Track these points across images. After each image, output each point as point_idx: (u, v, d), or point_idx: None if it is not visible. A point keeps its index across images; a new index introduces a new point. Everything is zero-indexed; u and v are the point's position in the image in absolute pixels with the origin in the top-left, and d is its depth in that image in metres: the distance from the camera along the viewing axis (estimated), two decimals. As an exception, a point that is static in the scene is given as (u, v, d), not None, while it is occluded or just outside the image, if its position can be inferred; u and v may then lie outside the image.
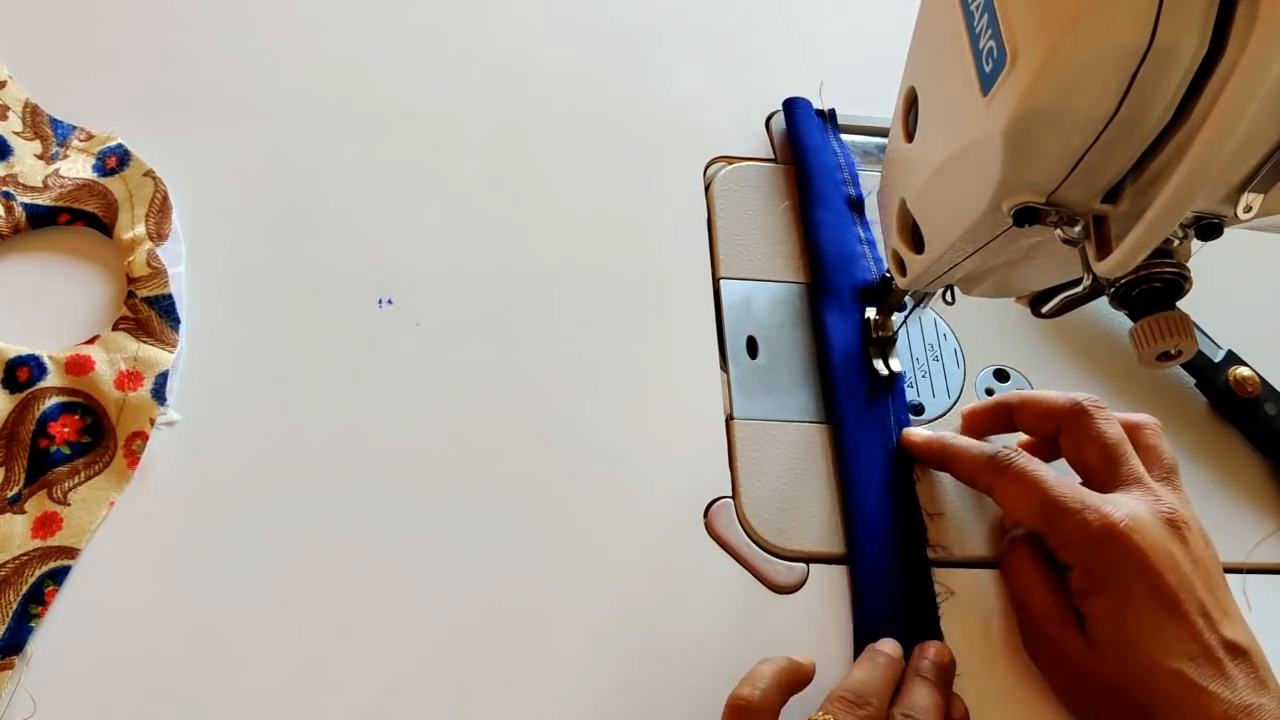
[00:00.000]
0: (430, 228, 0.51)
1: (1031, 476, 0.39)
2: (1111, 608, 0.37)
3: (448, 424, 0.45)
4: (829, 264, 0.51)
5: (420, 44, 0.57)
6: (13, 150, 0.49)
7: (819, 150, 0.55)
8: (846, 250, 0.51)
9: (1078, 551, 0.38)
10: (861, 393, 0.47)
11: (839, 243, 0.52)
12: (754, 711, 0.35)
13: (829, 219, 0.52)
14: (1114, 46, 0.25)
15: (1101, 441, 0.40)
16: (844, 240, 0.52)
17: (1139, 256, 0.28)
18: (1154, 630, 0.36)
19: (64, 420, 0.42)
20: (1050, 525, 0.38)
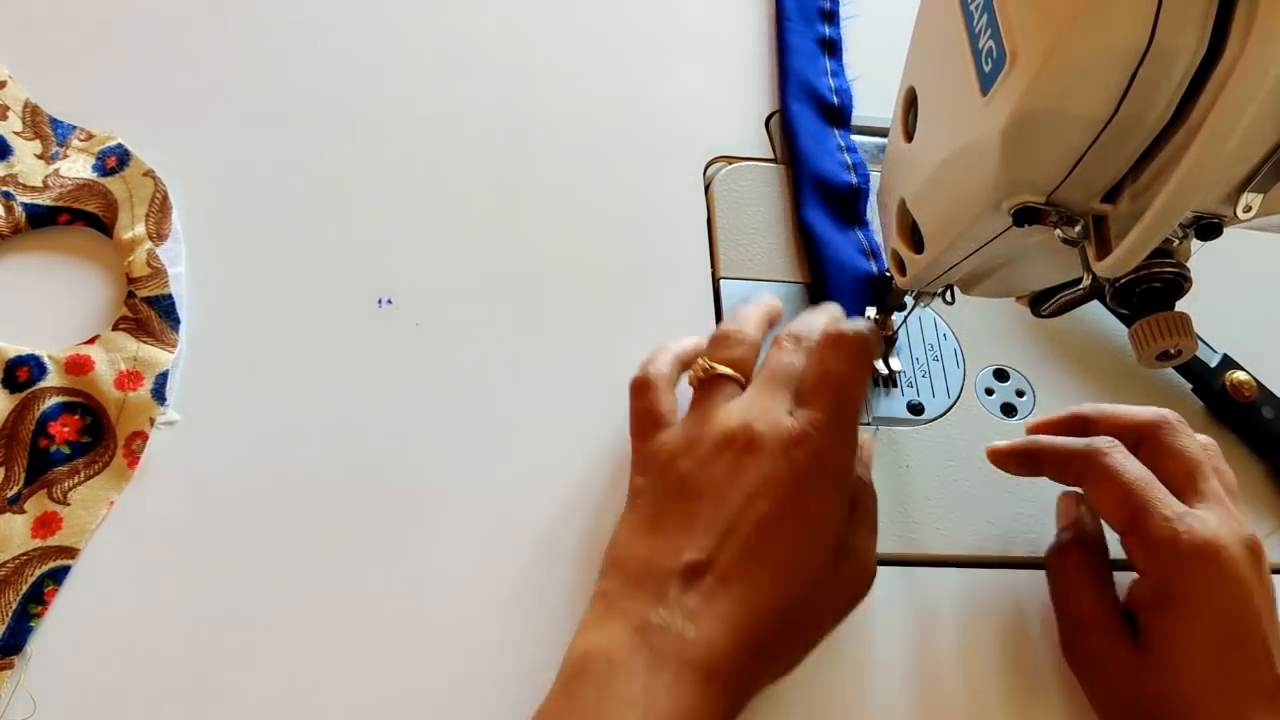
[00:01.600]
0: (430, 228, 0.51)
1: (1128, 471, 0.38)
2: (1180, 626, 0.36)
3: (448, 424, 0.45)
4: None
5: (420, 44, 0.57)
6: (13, 150, 0.49)
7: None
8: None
9: (1158, 560, 0.37)
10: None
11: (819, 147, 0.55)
12: (648, 383, 0.41)
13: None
14: (1114, 46, 0.25)
15: (1185, 456, 0.39)
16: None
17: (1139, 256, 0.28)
18: (1220, 656, 0.35)
19: (64, 420, 0.42)
20: (1136, 526, 0.37)
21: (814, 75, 0.56)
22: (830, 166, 0.52)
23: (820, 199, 0.51)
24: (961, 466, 0.47)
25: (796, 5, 0.59)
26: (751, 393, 0.39)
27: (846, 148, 0.53)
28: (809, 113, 0.54)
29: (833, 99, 0.55)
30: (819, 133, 0.53)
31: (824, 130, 0.54)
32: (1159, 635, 0.36)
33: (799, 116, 0.54)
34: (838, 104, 0.55)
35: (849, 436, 0.37)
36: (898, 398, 0.48)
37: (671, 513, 0.37)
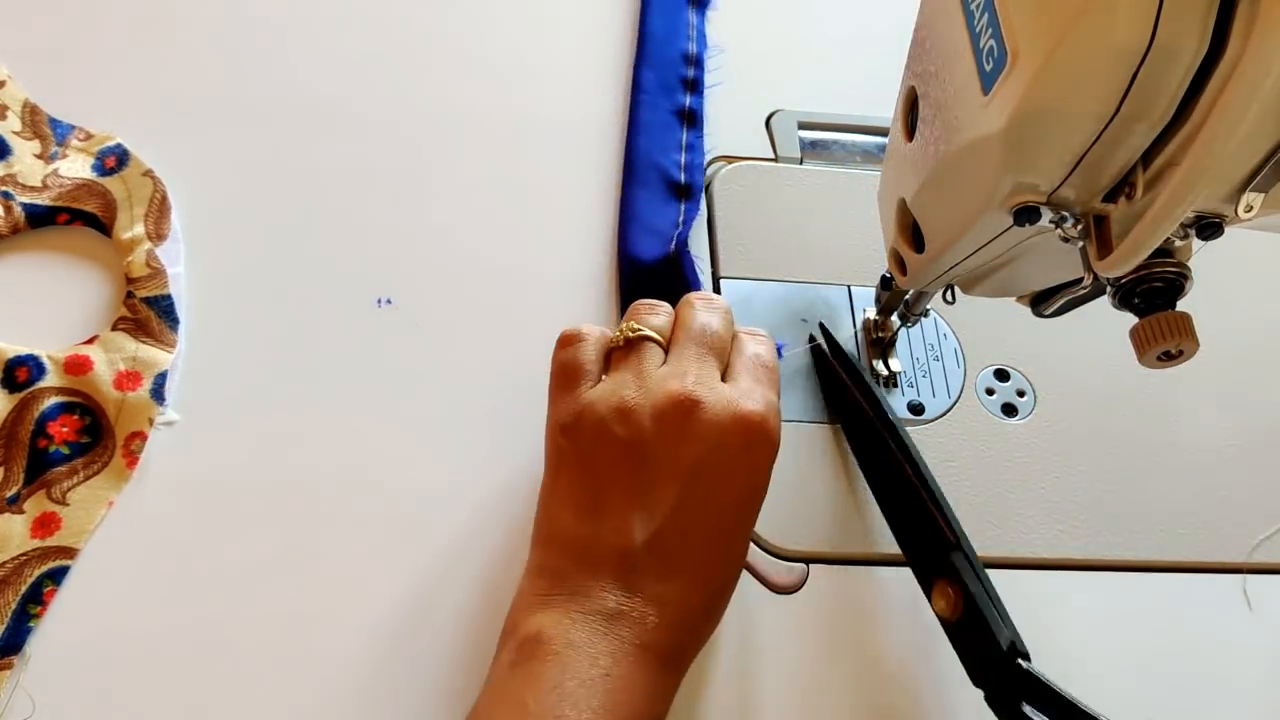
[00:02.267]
0: (430, 228, 0.51)
1: None
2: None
3: (448, 423, 0.45)
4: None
5: (421, 44, 0.57)
6: (12, 150, 0.49)
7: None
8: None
9: None
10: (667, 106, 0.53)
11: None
12: (577, 335, 0.39)
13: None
14: (1114, 46, 0.25)
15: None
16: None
17: (1140, 256, 0.28)
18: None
19: (63, 420, 0.42)
20: None
21: (662, 152, 0.54)
22: (651, 250, 0.50)
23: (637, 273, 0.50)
24: (961, 466, 0.47)
25: (656, 76, 0.57)
26: (679, 356, 0.37)
27: (683, 220, 0.51)
28: (649, 195, 0.52)
29: (679, 175, 0.53)
30: (656, 214, 0.51)
31: (667, 206, 0.52)
32: None
33: (637, 200, 0.52)
34: (684, 181, 0.53)
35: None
36: (898, 398, 0.48)
37: (613, 484, 0.35)
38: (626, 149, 0.53)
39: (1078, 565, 0.45)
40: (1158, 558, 0.45)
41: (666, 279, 0.48)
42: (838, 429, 0.47)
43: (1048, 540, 0.45)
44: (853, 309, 0.51)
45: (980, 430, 0.48)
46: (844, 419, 0.46)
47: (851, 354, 0.47)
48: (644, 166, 0.52)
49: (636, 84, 0.56)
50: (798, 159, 0.56)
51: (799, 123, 0.57)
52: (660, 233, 0.50)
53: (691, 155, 0.53)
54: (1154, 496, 0.47)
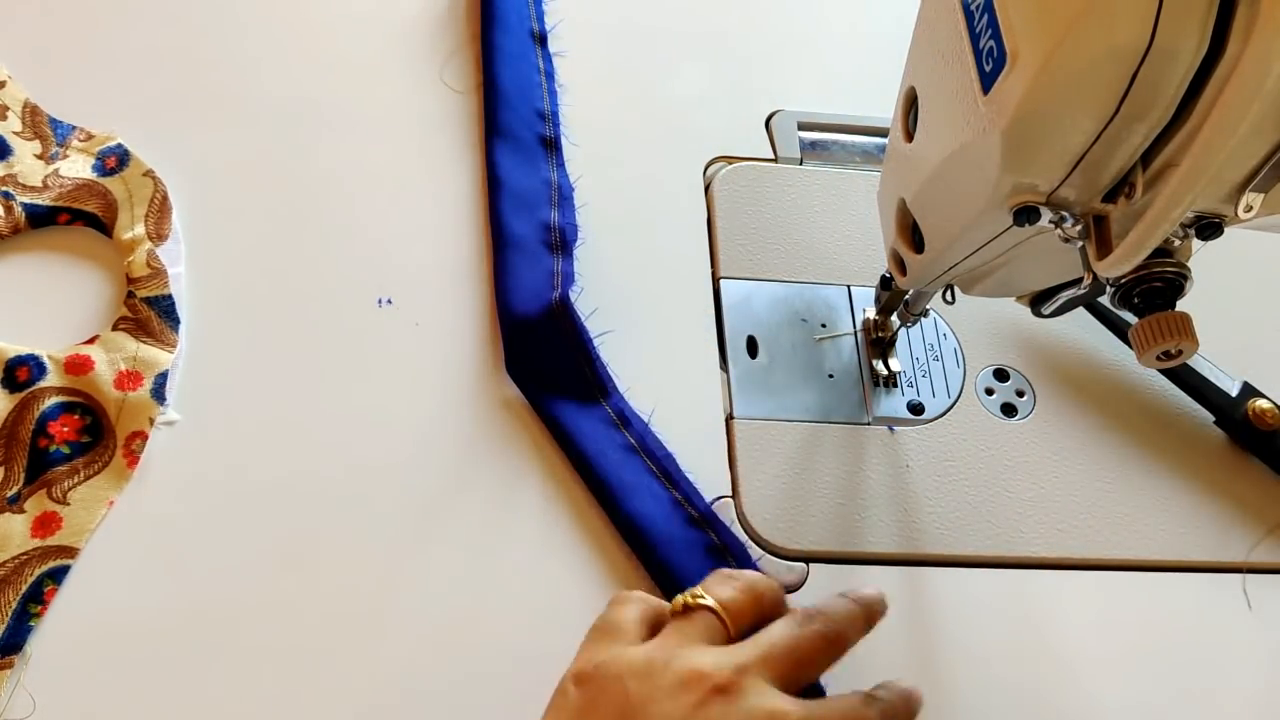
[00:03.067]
0: (430, 228, 0.51)
1: None
2: None
3: (448, 423, 0.45)
4: (502, 95, 0.52)
5: (420, 44, 0.57)
6: (12, 150, 0.49)
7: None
8: (524, 78, 0.54)
9: None
10: (534, 237, 0.48)
11: (516, 70, 0.53)
12: (627, 596, 0.35)
13: (508, 45, 0.54)
14: (1114, 47, 0.25)
15: None
16: (521, 69, 0.54)
17: (1139, 256, 0.28)
18: None
19: (63, 420, 0.42)
20: None
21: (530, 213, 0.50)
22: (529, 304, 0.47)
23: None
24: (961, 466, 0.47)
25: (512, 145, 0.53)
26: (739, 648, 0.32)
27: (560, 273, 0.48)
28: (520, 256, 0.49)
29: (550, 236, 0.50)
30: (530, 272, 0.48)
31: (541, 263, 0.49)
32: None
33: (510, 262, 0.48)
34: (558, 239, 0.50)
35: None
36: (898, 398, 0.48)
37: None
38: (492, 215, 0.50)
39: (1078, 565, 0.45)
40: (1158, 558, 0.45)
41: (550, 334, 0.46)
42: (837, 429, 0.47)
43: (1048, 540, 0.45)
44: (853, 309, 0.51)
45: (980, 430, 0.48)
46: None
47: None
48: (512, 234, 0.49)
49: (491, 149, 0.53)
50: (798, 159, 0.56)
51: (799, 123, 0.57)
52: (536, 290, 0.47)
53: (563, 212, 0.50)
54: (1154, 496, 0.47)
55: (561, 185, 0.52)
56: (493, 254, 0.49)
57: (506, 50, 0.55)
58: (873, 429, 0.47)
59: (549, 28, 0.57)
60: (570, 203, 0.51)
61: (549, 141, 0.53)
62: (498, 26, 0.56)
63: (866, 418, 0.48)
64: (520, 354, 0.46)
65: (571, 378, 0.45)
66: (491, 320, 0.48)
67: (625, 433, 0.45)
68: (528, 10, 0.58)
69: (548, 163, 0.52)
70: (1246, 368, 0.49)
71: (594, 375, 0.46)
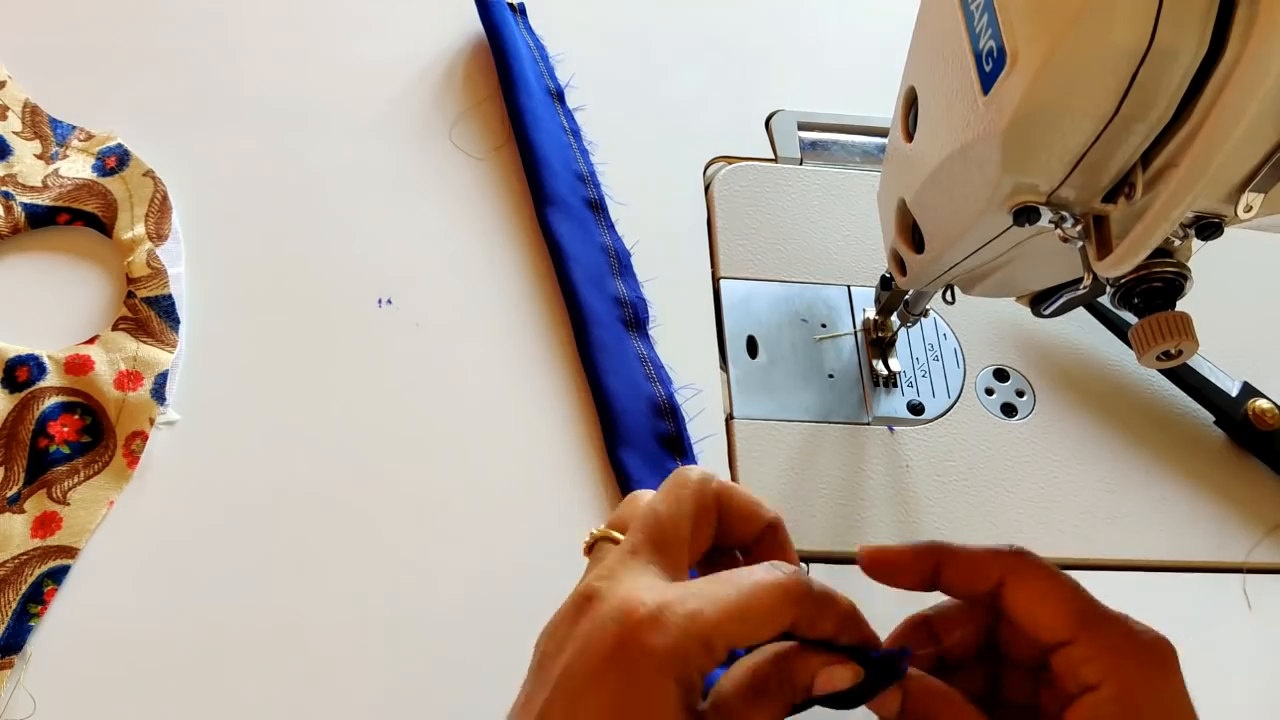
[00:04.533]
0: (430, 228, 0.51)
1: (1058, 572, 0.32)
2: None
3: (447, 423, 0.45)
4: (544, 161, 0.51)
5: (420, 44, 0.57)
6: (12, 150, 0.49)
7: (513, 41, 0.55)
8: (556, 141, 0.53)
9: (1123, 664, 0.30)
10: (610, 314, 0.48)
11: (548, 134, 0.53)
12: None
13: (532, 106, 0.53)
14: (1114, 47, 0.25)
15: (1059, 577, 0.33)
16: (551, 130, 0.53)
17: (1139, 256, 0.28)
18: None
19: (63, 420, 0.42)
20: (1088, 629, 0.31)
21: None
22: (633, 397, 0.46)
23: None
24: (961, 466, 0.47)
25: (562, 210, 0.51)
26: (612, 550, 0.31)
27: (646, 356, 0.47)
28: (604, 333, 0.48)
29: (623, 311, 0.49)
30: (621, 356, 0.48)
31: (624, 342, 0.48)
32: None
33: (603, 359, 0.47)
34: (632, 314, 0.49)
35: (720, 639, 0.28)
36: (897, 397, 0.48)
37: (518, 708, 0.30)
38: (565, 289, 0.49)
39: (1078, 565, 0.45)
40: (1158, 558, 0.45)
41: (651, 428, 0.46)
42: (837, 429, 0.47)
43: (1047, 540, 0.45)
44: (853, 309, 0.51)
45: (980, 430, 0.48)
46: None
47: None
48: (591, 311, 0.48)
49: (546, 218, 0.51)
50: (798, 159, 0.56)
51: (799, 123, 0.58)
52: (630, 376, 0.47)
53: (628, 283, 0.50)
54: (1154, 496, 0.47)
55: (618, 251, 0.51)
56: (574, 328, 0.48)
57: (534, 113, 0.53)
58: (873, 429, 0.47)
59: (564, 85, 0.56)
60: (632, 271, 0.50)
61: (594, 204, 0.52)
62: (520, 89, 0.54)
63: (866, 418, 0.48)
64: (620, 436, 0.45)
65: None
66: (491, 320, 0.48)
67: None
68: (540, 68, 0.56)
69: (598, 226, 0.51)
70: (1246, 368, 0.49)
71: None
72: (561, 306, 0.49)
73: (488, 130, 0.55)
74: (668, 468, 0.44)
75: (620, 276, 0.50)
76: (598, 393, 0.46)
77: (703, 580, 0.29)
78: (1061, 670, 0.31)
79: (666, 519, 0.31)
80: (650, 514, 0.31)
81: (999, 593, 0.32)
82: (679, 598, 0.28)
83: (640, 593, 0.28)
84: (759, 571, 0.29)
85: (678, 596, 0.28)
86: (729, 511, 0.33)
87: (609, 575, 0.29)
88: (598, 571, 0.30)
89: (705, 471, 0.32)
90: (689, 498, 0.31)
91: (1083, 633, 0.31)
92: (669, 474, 0.33)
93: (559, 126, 0.54)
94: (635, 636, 0.27)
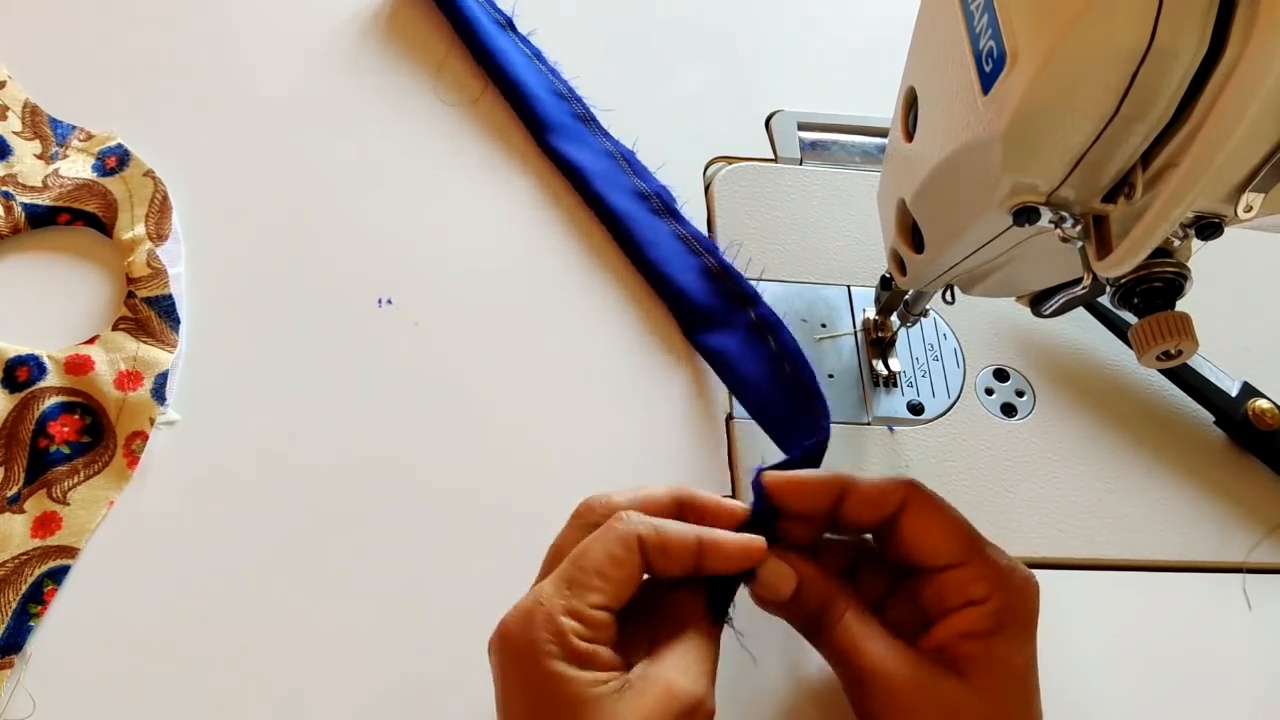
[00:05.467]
0: (430, 228, 0.51)
1: (948, 504, 0.36)
2: (1017, 652, 0.35)
3: (447, 423, 0.45)
4: (529, 94, 0.53)
5: (420, 44, 0.57)
6: (12, 150, 0.49)
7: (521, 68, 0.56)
8: (528, 70, 0.55)
9: (1003, 586, 0.35)
10: (640, 208, 0.51)
11: (519, 65, 0.55)
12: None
13: (496, 44, 0.55)
14: (1114, 47, 0.25)
15: (950, 511, 0.37)
16: (519, 61, 0.55)
17: (1139, 256, 0.28)
18: (1035, 685, 0.35)
19: (63, 420, 0.42)
20: (975, 553, 0.35)
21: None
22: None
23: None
24: (961, 466, 0.47)
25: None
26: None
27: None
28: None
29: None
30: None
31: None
32: (995, 663, 0.34)
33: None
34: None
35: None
36: (898, 398, 0.48)
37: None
38: (591, 202, 0.52)
39: (1078, 565, 0.45)
40: (1158, 558, 0.45)
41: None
42: (837, 429, 0.47)
43: (1048, 540, 0.45)
44: (853, 309, 0.51)
45: (980, 430, 0.48)
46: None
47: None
48: (620, 209, 0.51)
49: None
50: (798, 159, 0.56)
51: (799, 123, 0.57)
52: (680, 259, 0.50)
53: (645, 178, 0.53)
54: (1154, 496, 0.47)
55: (622, 153, 0.53)
56: (615, 235, 0.51)
57: (500, 50, 0.55)
58: (873, 429, 0.47)
59: (510, 14, 0.58)
60: (641, 165, 0.53)
61: (584, 117, 0.55)
62: (480, 33, 0.56)
63: (866, 418, 0.48)
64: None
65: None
66: (490, 320, 0.48)
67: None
68: (486, 8, 0.58)
69: (595, 135, 0.54)
70: (1246, 368, 0.49)
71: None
72: (565, 310, 0.49)
73: (462, 84, 0.56)
74: (742, 320, 0.48)
75: (634, 174, 0.52)
76: (661, 281, 0.49)
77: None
78: (949, 587, 0.35)
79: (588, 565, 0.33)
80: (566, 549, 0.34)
81: (896, 521, 0.36)
82: (533, 591, 0.32)
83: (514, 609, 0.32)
84: (592, 537, 0.33)
85: (533, 591, 0.32)
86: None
87: (517, 605, 0.33)
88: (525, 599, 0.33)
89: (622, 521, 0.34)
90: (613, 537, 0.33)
91: (973, 556, 0.35)
92: (747, 330, 0.46)
93: (523, 54, 0.56)
94: (498, 639, 0.32)
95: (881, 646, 0.35)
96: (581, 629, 0.31)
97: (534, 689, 0.31)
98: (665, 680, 0.31)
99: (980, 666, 0.34)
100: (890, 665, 0.34)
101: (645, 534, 0.33)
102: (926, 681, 0.34)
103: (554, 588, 0.32)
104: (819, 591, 0.36)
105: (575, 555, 0.33)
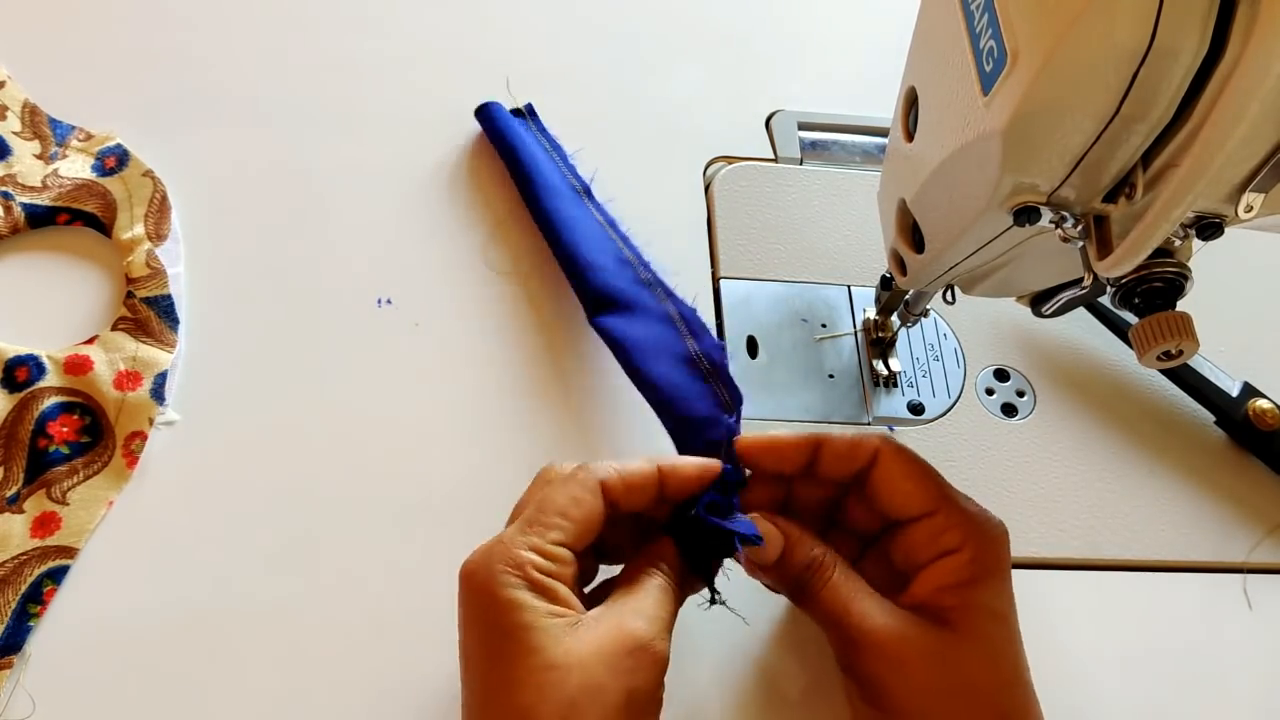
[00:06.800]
0: (429, 227, 0.51)
1: (919, 456, 0.37)
2: (995, 596, 0.35)
3: (447, 423, 0.45)
4: (589, 264, 0.47)
5: (420, 44, 0.57)
6: (11, 150, 0.49)
7: (528, 147, 0.52)
8: (599, 243, 0.49)
9: (976, 535, 0.35)
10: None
11: (591, 237, 0.49)
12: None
13: (566, 209, 0.50)
14: (1114, 47, 0.25)
15: (922, 463, 0.37)
16: (592, 232, 0.49)
17: (1140, 256, 0.28)
18: (1017, 635, 0.35)
19: (63, 420, 0.42)
20: (945, 501, 0.36)
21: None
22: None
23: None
24: (961, 466, 0.47)
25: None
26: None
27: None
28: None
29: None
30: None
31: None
32: (977, 610, 0.34)
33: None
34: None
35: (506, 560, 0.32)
36: (898, 398, 0.48)
37: None
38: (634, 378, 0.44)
39: (1078, 565, 0.45)
40: (1158, 558, 0.45)
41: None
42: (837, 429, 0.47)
43: (1048, 540, 0.45)
44: (853, 309, 0.51)
45: (980, 430, 0.48)
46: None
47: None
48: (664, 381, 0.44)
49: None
50: (798, 159, 0.56)
51: (799, 123, 0.58)
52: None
53: (701, 340, 0.45)
54: (1154, 496, 0.47)
55: (684, 315, 0.46)
56: (654, 402, 0.43)
57: (567, 215, 0.50)
58: (873, 429, 0.47)
59: (589, 181, 0.53)
60: (704, 327, 0.45)
61: (648, 281, 0.48)
62: (543, 191, 0.51)
63: (866, 418, 0.48)
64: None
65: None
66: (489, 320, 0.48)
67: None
68: (560, 169, 0.53)
69: (656, 299, 0.47)
70: (1246, 368, 0.49)
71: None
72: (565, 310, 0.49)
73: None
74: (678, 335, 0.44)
75: (694, 337, 0.45)
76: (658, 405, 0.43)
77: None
78: (921, 540, 0.36)
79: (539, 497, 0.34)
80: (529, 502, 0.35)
81: (868, 473, 0.37)
82: (500, 534, 0.33)
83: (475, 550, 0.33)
84: (554, 484, 0.34)
85: (501, 533, 0.33)
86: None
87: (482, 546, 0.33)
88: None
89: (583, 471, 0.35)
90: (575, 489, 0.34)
91: (944, 505, 0.36)
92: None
93: (594, 222, 0.50)
94: (461, 575, 0.33)
95: (872, 604, 0.35)
96: (541, 561, 0.32)
97: (489, 615, 0.32)
98: (617, 618, 0.32)
99: (967, 616, 0.34)
100: (882, 623, 0.34)
101: (605, 476, 0.34)
102: (920, 636, 0.34)
103: (515, 528, 0.33)
104: (805, 552, 0.36)
105: (539, 500, 0.34)
